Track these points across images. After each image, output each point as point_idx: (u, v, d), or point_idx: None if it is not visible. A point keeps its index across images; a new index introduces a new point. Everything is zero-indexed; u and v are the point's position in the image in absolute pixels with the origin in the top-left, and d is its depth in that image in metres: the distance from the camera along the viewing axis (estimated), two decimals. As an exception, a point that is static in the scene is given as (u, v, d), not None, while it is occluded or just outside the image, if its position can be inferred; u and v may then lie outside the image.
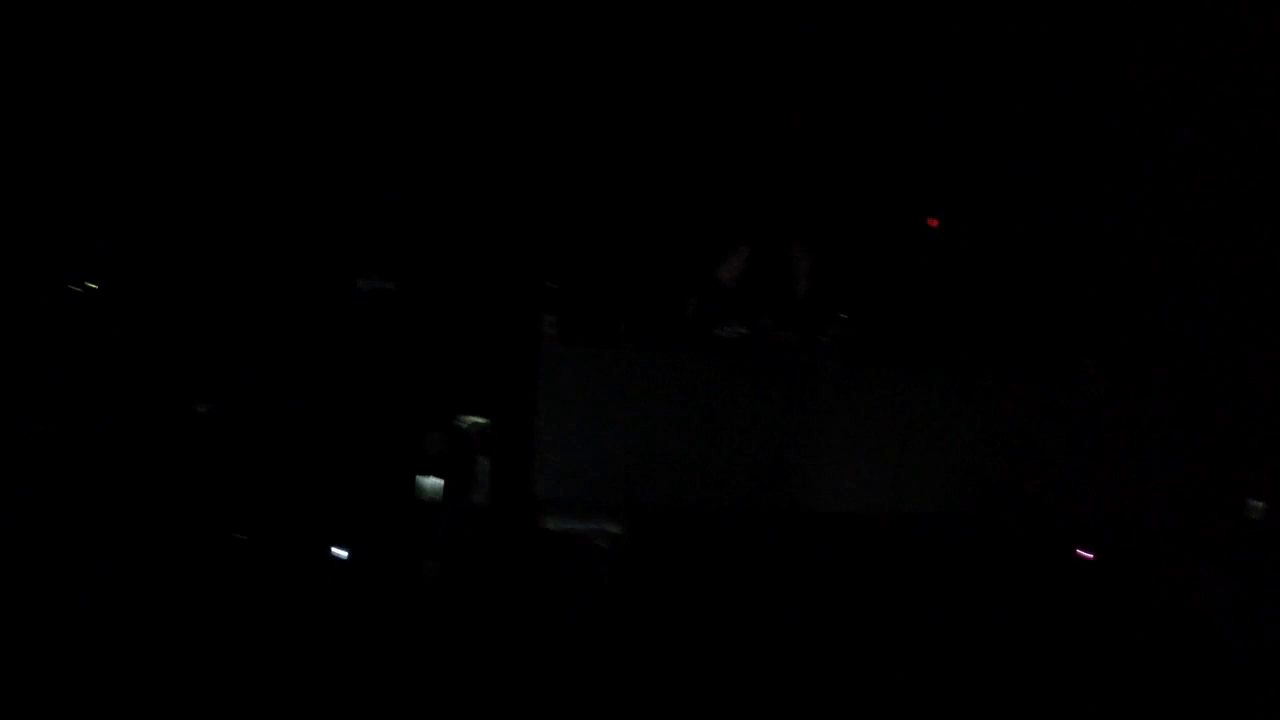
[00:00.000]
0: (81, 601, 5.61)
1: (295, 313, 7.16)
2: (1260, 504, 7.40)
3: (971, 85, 8.75)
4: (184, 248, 7.41)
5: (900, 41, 8.65)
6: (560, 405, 7.19)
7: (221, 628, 5.71)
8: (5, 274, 7.13)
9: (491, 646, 5.92)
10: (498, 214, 8.07)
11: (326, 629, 5.94)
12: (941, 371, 7.82)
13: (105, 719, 5.10)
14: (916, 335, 7.97)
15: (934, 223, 8.49)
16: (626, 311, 7.54)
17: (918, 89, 8.67)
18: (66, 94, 7.51)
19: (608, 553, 6.86)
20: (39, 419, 6.63)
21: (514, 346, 7.24)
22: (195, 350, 7.12)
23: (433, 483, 6.70)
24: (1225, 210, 8.53)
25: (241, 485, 6.52)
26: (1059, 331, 8.29)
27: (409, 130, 7.99)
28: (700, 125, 8.40)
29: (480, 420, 7.06)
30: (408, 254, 7.62)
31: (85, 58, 7.53)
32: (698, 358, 7.51)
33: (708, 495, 7.35)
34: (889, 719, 6.00)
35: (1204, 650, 6.73)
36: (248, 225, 7.55)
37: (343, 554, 6.17)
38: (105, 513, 6.21)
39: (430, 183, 7.99)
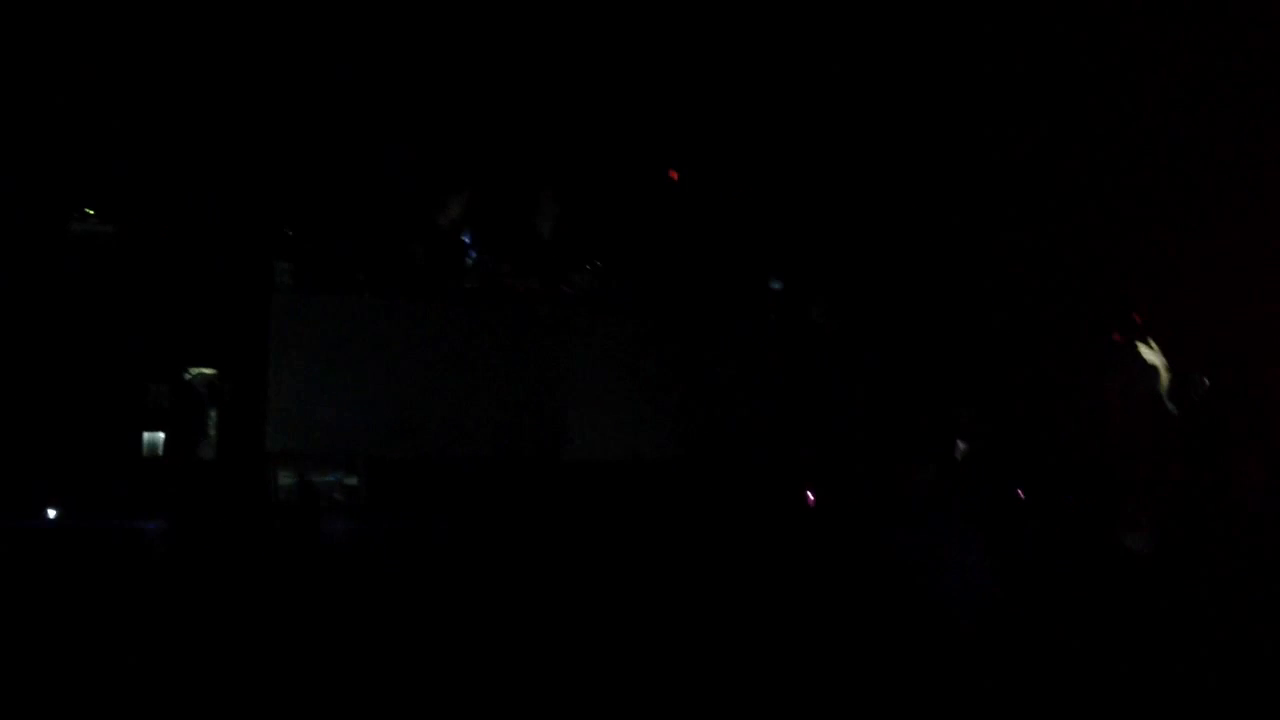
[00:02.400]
0: None
1: (3, 256, 6.64)
2: (964, 446, 7.89)
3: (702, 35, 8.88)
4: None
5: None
6: (294, 355, 6.99)
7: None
8: None
9: (218, 606, 5.71)
10: (228, 151, 7.69)
11: (31, 592, 5.61)
12: (679, 320, 8.00)
13: None
14: (657, 285, 8.09)
15: (674, 175, 8.60)
16: (365, 259, 7.36)
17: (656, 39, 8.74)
18: None
19: (344, 507, 6.73)
20: None
21: (245, 294, 6.95)
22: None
23: (153, 437, 6.40)
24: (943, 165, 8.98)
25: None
26: (794, 283, 8.57)
27: (134, 52, 7.51)
28: (444, 73, 8.23)
29: (208, 371, 6.78)
30: (127, 193, 7.18)
31: None
32: (438, 307, 7.42)
33: (447, 446, 7.30)
34: (634, 654, 6.09)
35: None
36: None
37: (52, 514, 5.82)
38: None
39: (152, 111, 7.53)
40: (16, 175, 6.84)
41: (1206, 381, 7.66)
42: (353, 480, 7.09)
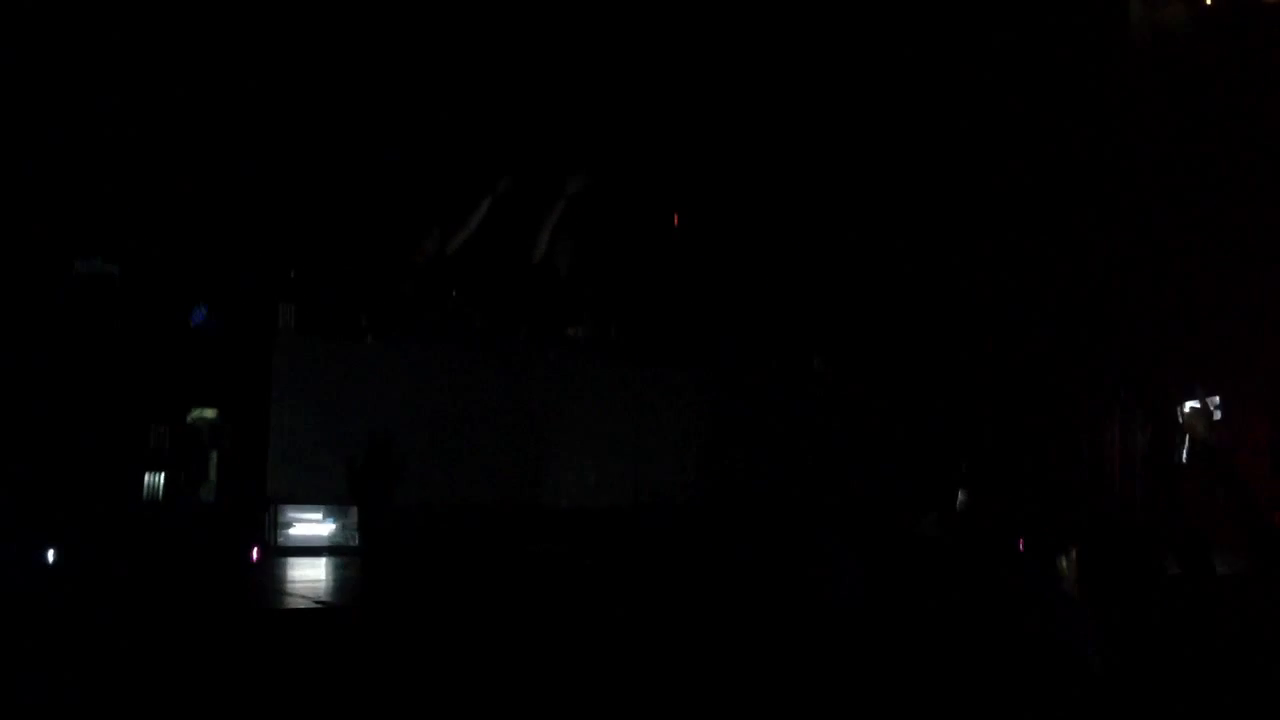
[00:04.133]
0: None
1: (6, 296, 6.64)
2: (964, 496, 7.87)
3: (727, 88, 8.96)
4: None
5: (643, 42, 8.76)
6: (297, 398, 6.97)
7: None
8: None
9: (217, 646, 5.66)
10: (234, 194, 7.73)
11: (34, 634, 5.55)
12: (679, 368, 8.00)
13: None
14: (660, 333, 8.10)
15: (676, 220, 8.65)
16: (368, 302, 7.36)
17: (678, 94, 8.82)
18: None
19: (345, 551, 6.68)
20: None
21: (248, 336, 6.95)
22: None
23: (154, 479, 6.37)
24: (954, 214, 9.03)
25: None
26: (791, 332, 8.59)
27: (137, 98, 7.55)
28: (448, 119, 8.29)
29: (209, 414, 6.76)
30: (133, 234, 7.20)
31: None
32: (442, 351, 7.42)
33: (448, 492, 7.27)
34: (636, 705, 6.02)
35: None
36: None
37: (50, 556, 5.77)
38: None
39: (159, 157, 7.58)
40: (24, 215, 6.86)
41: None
42: (351, 525, 7.05)
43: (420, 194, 8.00)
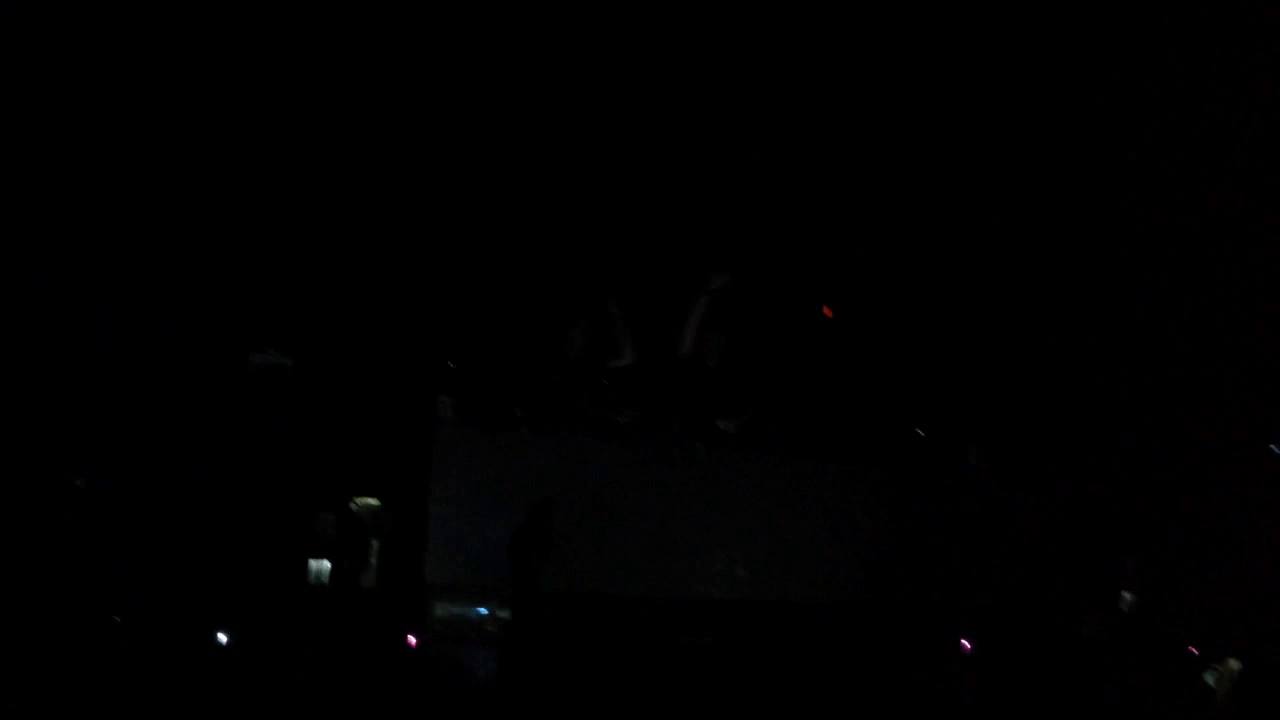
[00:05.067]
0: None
1: (186, 385, 6.99)
2: (1129, 596, 7.63)
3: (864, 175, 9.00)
4: (64, 309, 7.18)
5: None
6: (454, 488, 7.14)
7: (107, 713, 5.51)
8: None
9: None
10: (395, 290, 8.02)
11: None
12: (833, 462, 7.96)
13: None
14: (810, 426, 8.09)
15: (829, 312, 8.66)
16: (522, 394, 7.53)
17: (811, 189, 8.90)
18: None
19: (498, 639, 6.77)
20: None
21: (409, 427, 7.17)
22: (78, 419, 6.90)
23: (319, 565, 6.58)
24: (1108, 307, 8.84)
25: (126, 563, 6.30)
26: (948, 425, 8.48)
27: (306, 201, 7.93)
28: (597, 213, 8.49)
29: (372, 502, 6.97)
30: (303, 328, 7.52)
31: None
32: (594, 442, 7.54)
33: (600, 581, 7.33)
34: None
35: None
36: (136, 286, 7.36)
37: (223, 638, 6.01)
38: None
39: (326, 256, 7.92)
40: (203, 306, 7.22)
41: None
42: (505, 614, 7.13)
43: (571, 286, 8.19)
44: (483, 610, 7.05)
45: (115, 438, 6.81)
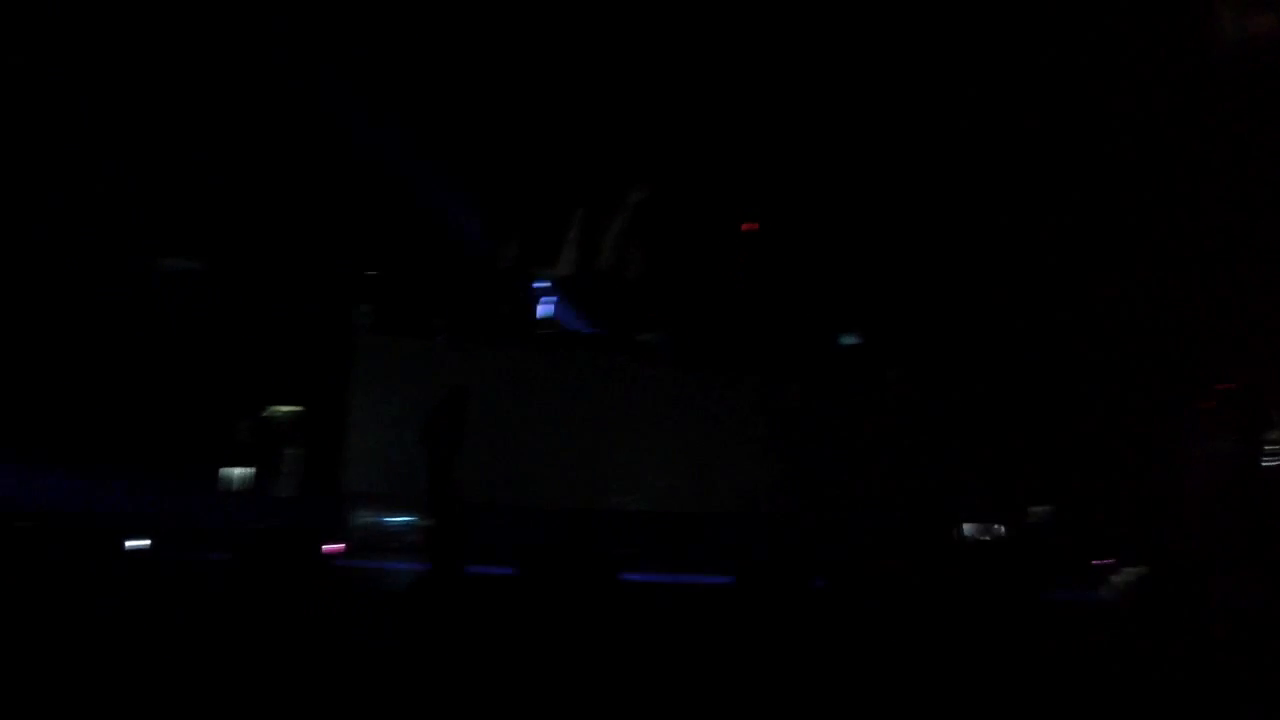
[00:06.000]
0: None
1: (96, 292, 6.83)
2: (1043, 509, 7.81)
3: (791, 91, 8.96)
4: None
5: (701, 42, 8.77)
6: (373, 396, 7.09)
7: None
8: None
9: (302, 642, 5.78)
10: (314, 196, 7.87)
11: (119, 619, 5.70)
12: (749, 376, 8.01)
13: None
14: (730, 340, 8.12)
15: (753, 226, 8.66)
16: (443, 303, 7.47)
17: (735, 94, 8.83)
18: None
19: (418, 549, 6.77)
20: None
21: (328, 335, 7.09)
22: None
23: (241, 472, 6.52)
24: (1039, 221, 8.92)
25: (39, 471, 6.18)
26: (866, 340, 8.57)
27: (227, 105, 7.73)
28: (530, 116, 8.37)
29: (291, 409, 6.91)
30: (217, 233, 7.36)
31: None
32: (514, 353, 7.51)
33: (519, 493, 7.35)
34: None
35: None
36: (43, 199, 7.15)
37: (143, 544, 5.93)
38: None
39: (242, 159, 7.74)
40: (116, 214, 7.04)
41: None
42: (425, 523, 7.14)
43: (501, 200, 8.11)
44: (402, 520, 7.05)
45: (32, 349, 6.66)
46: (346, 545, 6.64)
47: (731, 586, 6.86)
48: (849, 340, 8.64)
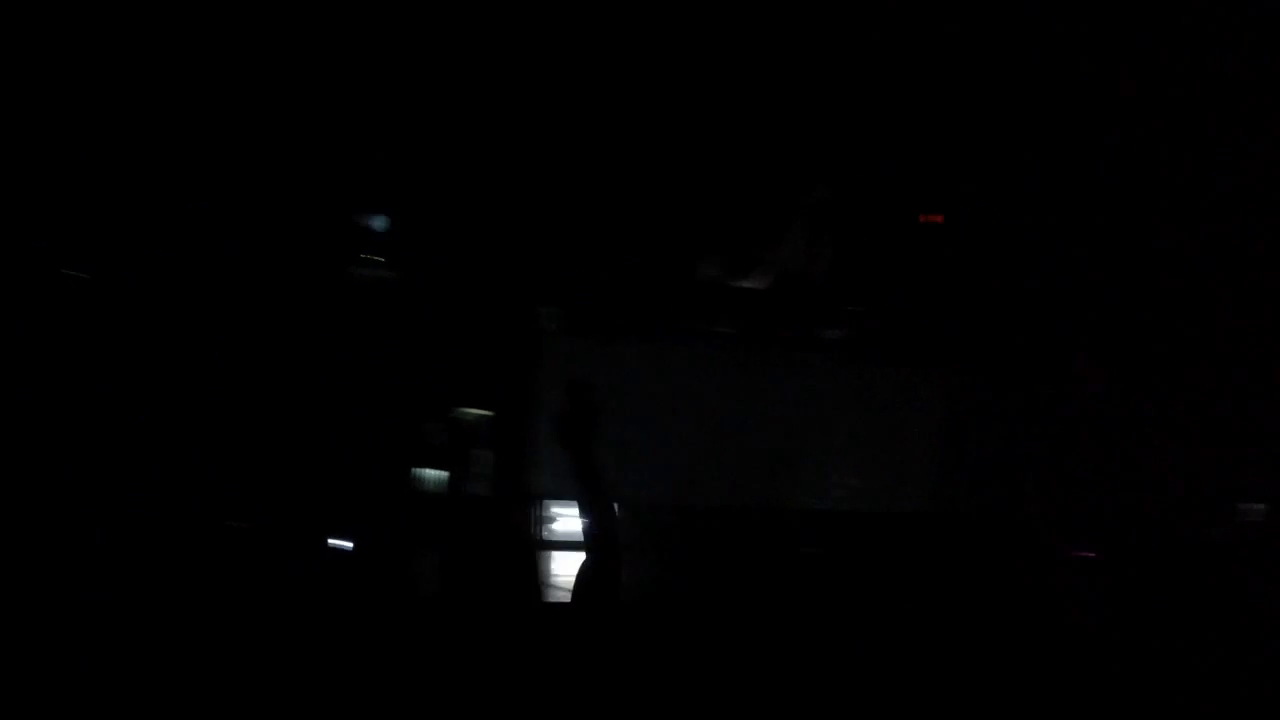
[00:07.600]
0: (83, 594, 5.46)
1: (293, 300, 6.99)
2: (1260, 506, 7.44)
3: (967, 84, 8.72)
4: (178, 235, 7.18)
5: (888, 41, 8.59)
6: (558, 398, 7.08)
7: (221, 619, 5.58)
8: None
9: (495, 641, 5.83)
10: (501, 201, 7.93)
11: (327, 621, 5.82)
12: (939, 370, 7.81)
13: (105, 715, 4.97)
14: (918, 334, 7.94)
15: (936, 219, 8.45)
16: (628, 305, 7.45)
17: (915, 88, 8.62)
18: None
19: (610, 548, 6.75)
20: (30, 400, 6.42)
21: (515, 338, 7.12)
22: (191, 338, 6.91)
23: (434, 474, 6.59)
24: (1224, 215, 8.55)
25: (240, 475, 6.35)
26: (1056, 332, 8.28)
27: (415, 116, 7.83)
28: (700, 121, 8.29)
29: (480, 413, 6.95)
30: (408, 241, 7.47)
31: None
32: (699, 352, 7.45)
33: (707, 492, 7.29)
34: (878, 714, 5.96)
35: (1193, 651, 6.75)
36: (241, 209, 7.34)
37: (346, 545, 6.04)
38: (102, 504, 6.03)
39: (433, 169, 7.84)
40: (313, 229, 7.18)
41: None
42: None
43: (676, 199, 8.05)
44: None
45: (229, 356, 6.84)
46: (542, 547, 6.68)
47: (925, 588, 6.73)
48: (1036, 333, 8.36)
